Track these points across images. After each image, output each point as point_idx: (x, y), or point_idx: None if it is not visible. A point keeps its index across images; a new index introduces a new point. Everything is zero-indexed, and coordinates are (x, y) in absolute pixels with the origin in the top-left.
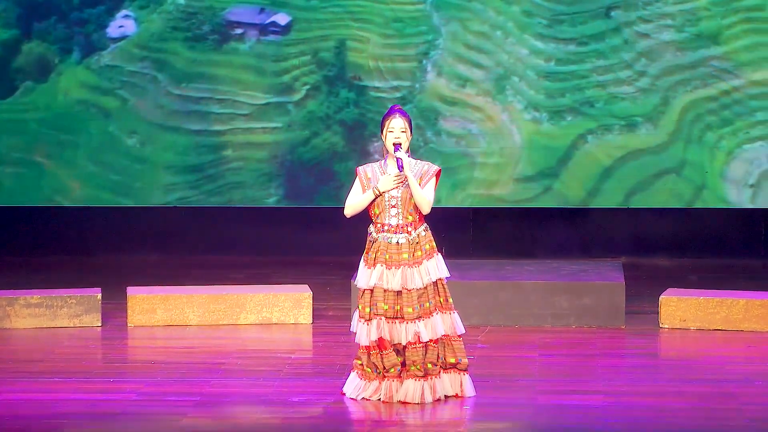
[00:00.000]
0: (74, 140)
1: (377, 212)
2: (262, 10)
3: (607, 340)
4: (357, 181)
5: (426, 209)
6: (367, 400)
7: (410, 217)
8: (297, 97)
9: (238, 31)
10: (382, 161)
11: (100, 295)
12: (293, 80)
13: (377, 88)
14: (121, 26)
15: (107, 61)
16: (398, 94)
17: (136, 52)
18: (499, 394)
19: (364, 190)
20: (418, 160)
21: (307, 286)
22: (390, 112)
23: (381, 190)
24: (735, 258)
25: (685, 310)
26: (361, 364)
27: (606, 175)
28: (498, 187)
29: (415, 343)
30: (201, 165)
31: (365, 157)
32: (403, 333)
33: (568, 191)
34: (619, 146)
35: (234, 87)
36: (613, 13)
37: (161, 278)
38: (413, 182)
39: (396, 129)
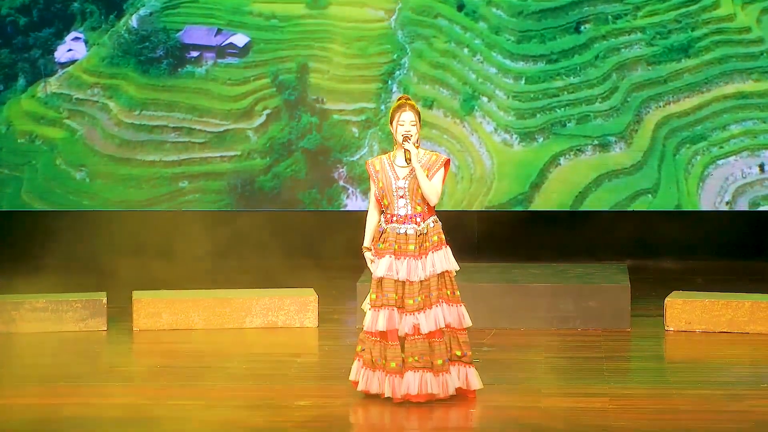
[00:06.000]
0: (18, 176)
1: (386, 203)
2: (218, 31)
3: (612, 342)
4: (370, 179)
5: (434, 200)
6: (374, 395)
7: (419, 208)
8: (257, 122)
9: (194, 53)
10: (391, 152)
11: (105, 299)
12: (253, 105)
13: (341, 111)
14: (70, 50)
15: (54, 88)
16: (363, 117)
17: (86, 78)
18: (505, 396)
19: (375, 184)
20: (427, 151)
21: (312, 289)
22: (400, 105)
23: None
24: (740, 260)
25: (691, 313)
26: (363, 350)
27: (581, 198)
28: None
29: (413, 335)
30: (155, 198)
31: (330, 185)
32: (403, 325)
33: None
34: (592, 167)
35: (190, 113)
36: (582, 28)
37: (166, 282)
38: (421, 174)
39: (406, 122)
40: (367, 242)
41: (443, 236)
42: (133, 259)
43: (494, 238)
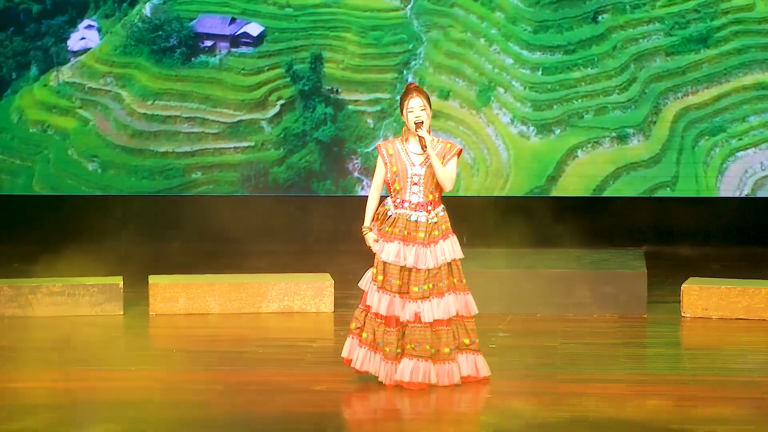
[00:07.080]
0: (29, 166)
1: (398, 188)
2: (232, 20)
3: (628, 329)
4: (379, 159)
5: (449, 186)
6: (373, 376)
7: (431, 196)
8: (271, 113)
9: (208, 43)
10: (401, 137)
11: (121, 284)
12: (267, 95)
13: (356, 102)
14: (83, 38)
15: (67, 77)
16: (378, 107)
17: (99, 68)
18: (521, 382)
19: (386, 168)
20: (440, 139)
21: (328, 274)
22: (408, 91)
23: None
24: (757, 247)
25: (707, 299)
26: (358, 328)
27: (599, 190)
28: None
29: (414, 322)
30: (168, 190)
31: (344, 176)
32: (405, 311)
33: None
34: (610, 159)
35: (204, 103)
36: (600, 18)
37: (183, 266)
38: (435, 160)
39: (416, 108)
40: (367, 222)
41: (450, 225)
42: (150, 244)
43: (510, 223)
